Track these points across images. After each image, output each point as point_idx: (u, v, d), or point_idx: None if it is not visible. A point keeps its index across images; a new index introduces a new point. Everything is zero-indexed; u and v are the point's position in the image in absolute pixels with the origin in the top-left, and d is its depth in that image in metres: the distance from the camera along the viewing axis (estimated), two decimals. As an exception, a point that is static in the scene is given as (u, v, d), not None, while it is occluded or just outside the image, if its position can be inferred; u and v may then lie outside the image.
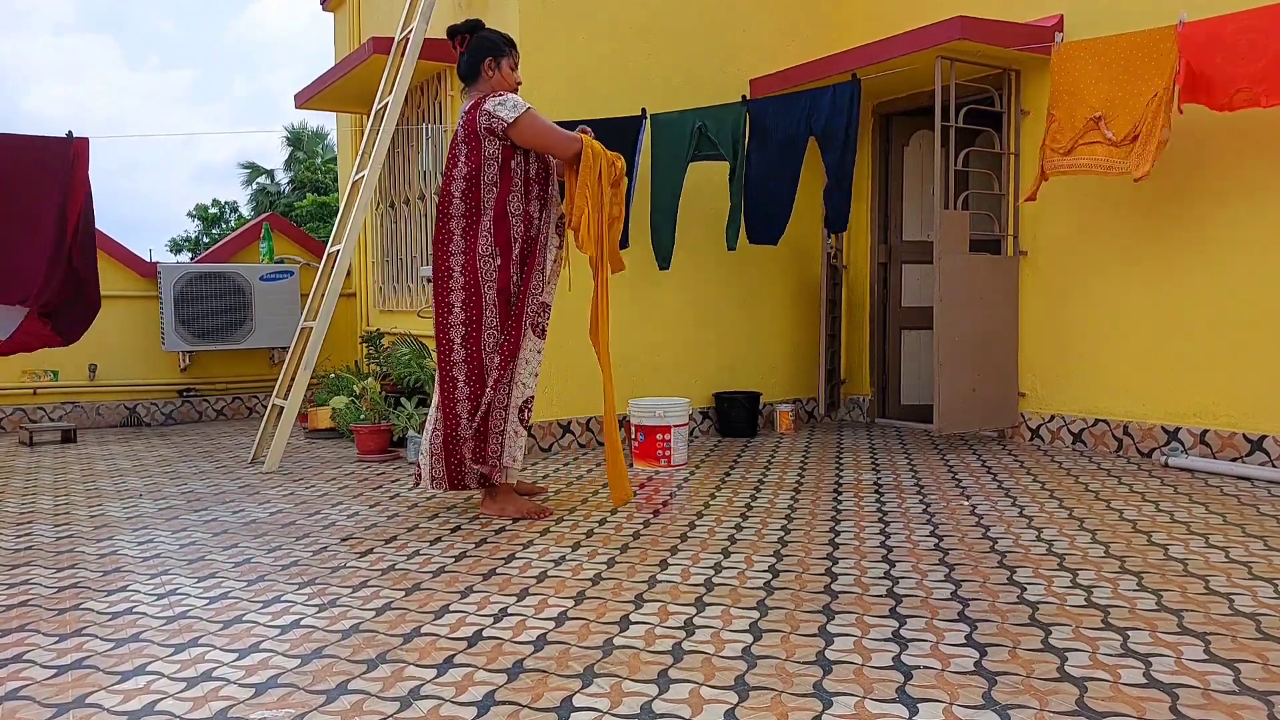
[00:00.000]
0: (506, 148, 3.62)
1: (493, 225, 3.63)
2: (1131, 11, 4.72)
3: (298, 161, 30.23)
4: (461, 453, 3.67)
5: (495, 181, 3.63)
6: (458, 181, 3.64)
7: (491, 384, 3.63)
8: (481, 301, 3.63)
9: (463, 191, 3.64)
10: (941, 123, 5.10)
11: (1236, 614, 2.47)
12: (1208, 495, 3.92)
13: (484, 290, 3.63)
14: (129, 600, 2.76)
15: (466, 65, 3.76)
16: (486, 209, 3.63)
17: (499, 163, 3.62)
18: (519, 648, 2.32)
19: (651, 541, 3.32)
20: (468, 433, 3.66)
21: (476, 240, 3.63)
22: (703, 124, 5.33)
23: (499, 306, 3.64)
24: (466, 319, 3.63)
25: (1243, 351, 4.45)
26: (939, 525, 3.47)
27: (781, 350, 6.26)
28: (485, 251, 3.62)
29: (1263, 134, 4.34)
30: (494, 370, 3.64)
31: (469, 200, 3.64)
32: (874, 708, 1.94)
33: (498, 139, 3.61)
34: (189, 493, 4.40)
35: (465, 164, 3.63)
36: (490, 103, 3.62)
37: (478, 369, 3.65)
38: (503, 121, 3.58)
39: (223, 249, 7.90)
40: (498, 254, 3.63)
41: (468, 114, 3.67)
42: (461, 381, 3.67)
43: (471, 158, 3.62)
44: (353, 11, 7.77)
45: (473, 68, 3.75)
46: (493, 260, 3.62)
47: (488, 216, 3.63)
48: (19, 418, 6.83)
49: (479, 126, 3.61)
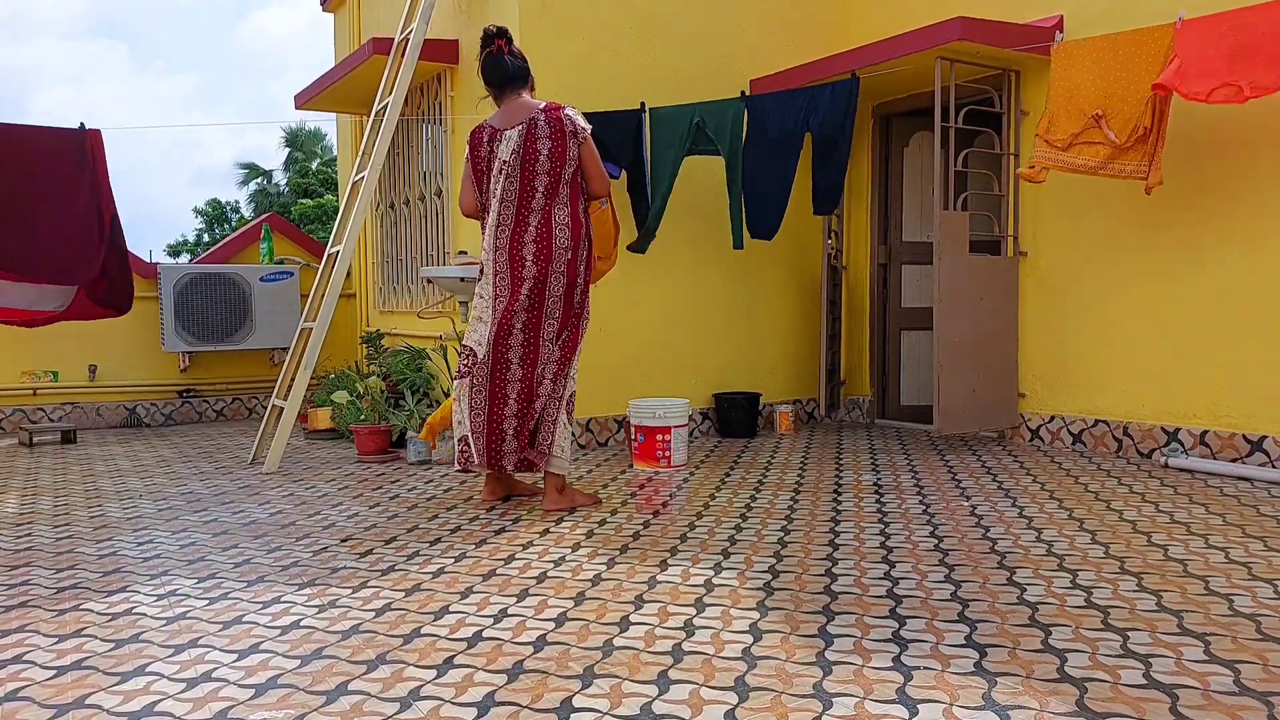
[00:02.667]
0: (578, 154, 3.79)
1: (570, 220, 3.77)
2: (1131, 11, 4.72)
3: (296, 162, 30.27)
4: (504, 432, 3.80)
5: (570, 180, 3.78)
6: (541, 176, 3.74)
7: (552, 376, 3.79)
8: (547, 292, 3.76)
9: (545, 186, 3.75)
10: (941, 123, 5.10)
11: (1236, 615, 2.47)
12: (1208, 496, 3.92)
13: (551, 281, 3.76)
14: (129, 601, 2.76)
15: (519, 67, 3.88)
16: (563, 203, 3.77)
17: (575, 164, 3.78)
18: (519, 648, 2.32)
19: (651, 542, 3.32)
20: (512, 415, 3.79)
21: (553, 232, 3.74)
22: (701, 119, 5.34)
23: (564, 299, 3.78)
24: (531, 305, 3.77)
25: (1243, 351, 4.45)
26: (939, 526, 3.47)
27: (781, 351, 6.26)
28: (561, 245, 3.75)
29: (1262, 134, 4.34)
30: (554, 362, 3.80)
31: (550, 194, 3.75)
32: (874, 708, 1.94)
33: (577, 143, 3.77)
34: (189, 493, 4.40)
35: (549, 160, 3.74)
36: (569, 109, 3.80)
37: (533, 355, 3.79)
38: (585, 131, 3.78)
39: (223, 250, 7.91)
40: (569, 249, 3.76)
41: (550, 112, 3.76)
42: (515, 364, 3.80)
43: (557, 154, 3.74)
44: (353, 12, 7.77)
45: (526, 70, 3.90)
46: (564, 254, 3.76)
47: (564, 210, 3.77)
48: (19, 418, 6.83)
49: (566, 127, 3.75)
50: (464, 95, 6.00)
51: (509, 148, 3.76)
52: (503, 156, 3.77)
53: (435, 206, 6.37)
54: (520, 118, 3.79)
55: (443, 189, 6.23)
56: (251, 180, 31.39)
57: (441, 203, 6.26)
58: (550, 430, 3.80)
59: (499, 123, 3.84)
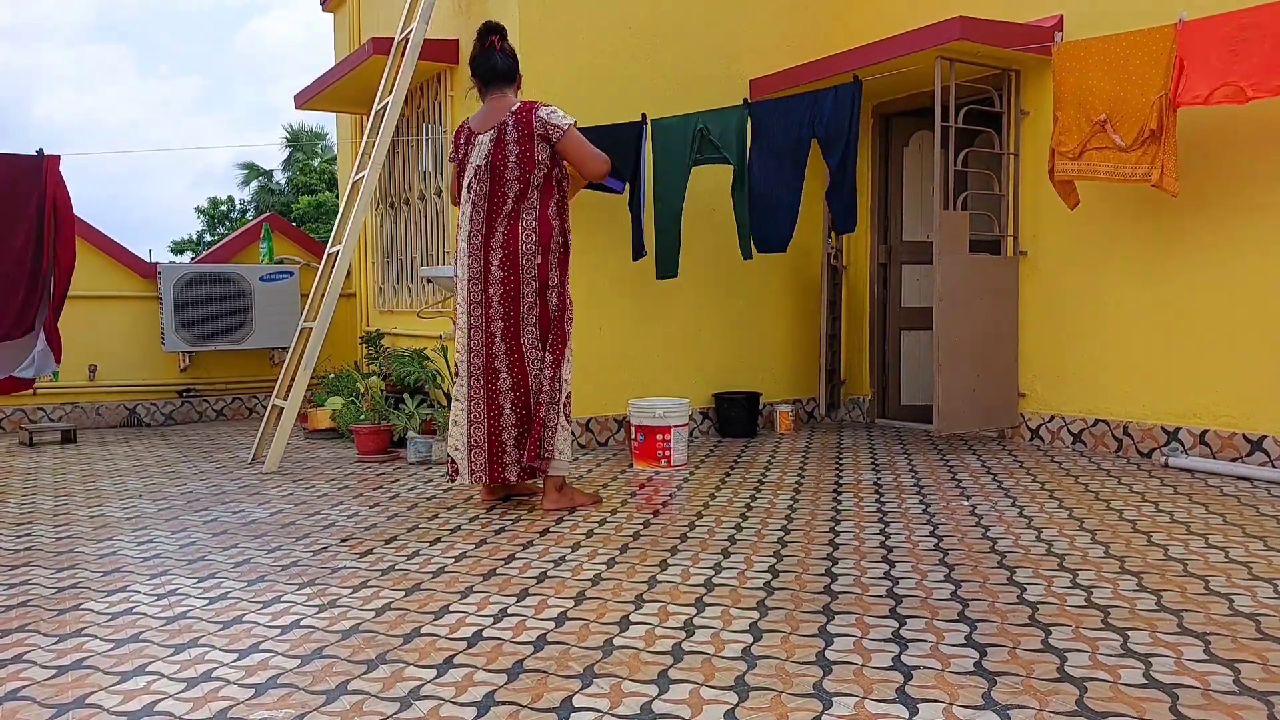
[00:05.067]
0: (553, 154, 3.78)
1: (538, 224, 3.75)
2: (1132, 11, 4.71)
3: (296, 162, 30.28)
4: (504, 443, 3.79)
5: (540, 184, 3.77)
6: (511, 183, 3.74)
7: (550, 381, 3.79)
8: (520, 297, 3.75)
9: (517, 193, 3.75)
10: (941, 123, 5.10)
11: (1236, 614, 2.47)
12: (1207, 495, 3.92)
13: (523, 288, 3.75)
14: (129, 600, 2.76)
15: (508, 65, 3.88)
16: (531, 208, 3.76)
17: (547, 167, 3.77)
18: (519, 648, 2.32)
19: (651, 542, 3.32)
20: (510, 425, 3.79)
21: (518, 238, 3.73)
22: (704, 126, 5.30)
23: (539, 302, 3.78)
24: (506, 314, 3.76)
25: (1243, 351, 4.45)
26: (939, 526, 3.47)
27: (781, 350, 6.26)
28: (528, 250, 3.74)
29: (1262, 135, 4.34)
30: (548, 367, 3.79)
31: (519, 200, 3.75)
32: (874, 708, 1.94)
33: (549, 145, 3.75)
34: (189, 493, 4.40)
35: (517, 165, 3.74)
36: (543, 110, 3.77)
37: (519, 363, 3.79)
38: (559, 130, 3.75)
39: (223, 249, 7.91)
40: (537, 253, 3.74)
41: (520, 115, 3.75)
42: (504, 373, 3.79)
43: (525, 160, 3.73)
44: (353, 12, 7.77)
45: (514, 70, 3.90)
46: (533, 259, 3.74)
47: (532, 215, 3.75)
48: (19, 418, 6.83)
49: (535, 131, 3.73)
50: (464, 95, 5.99)
51: (480, 153, 3.78)
52: (475, 162, 3.79)
53: (435, 206, 6.38)
54: (493, 121, 3.79)
55: (443, 189, 6.23)
56: (252, 180, 31.38)
57: (441, 202, 6.26)
58: (553, 436, 3.80)
59: (476, 124, 3.86)
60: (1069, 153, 4.64)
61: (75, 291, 6.89)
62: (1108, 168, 4.51)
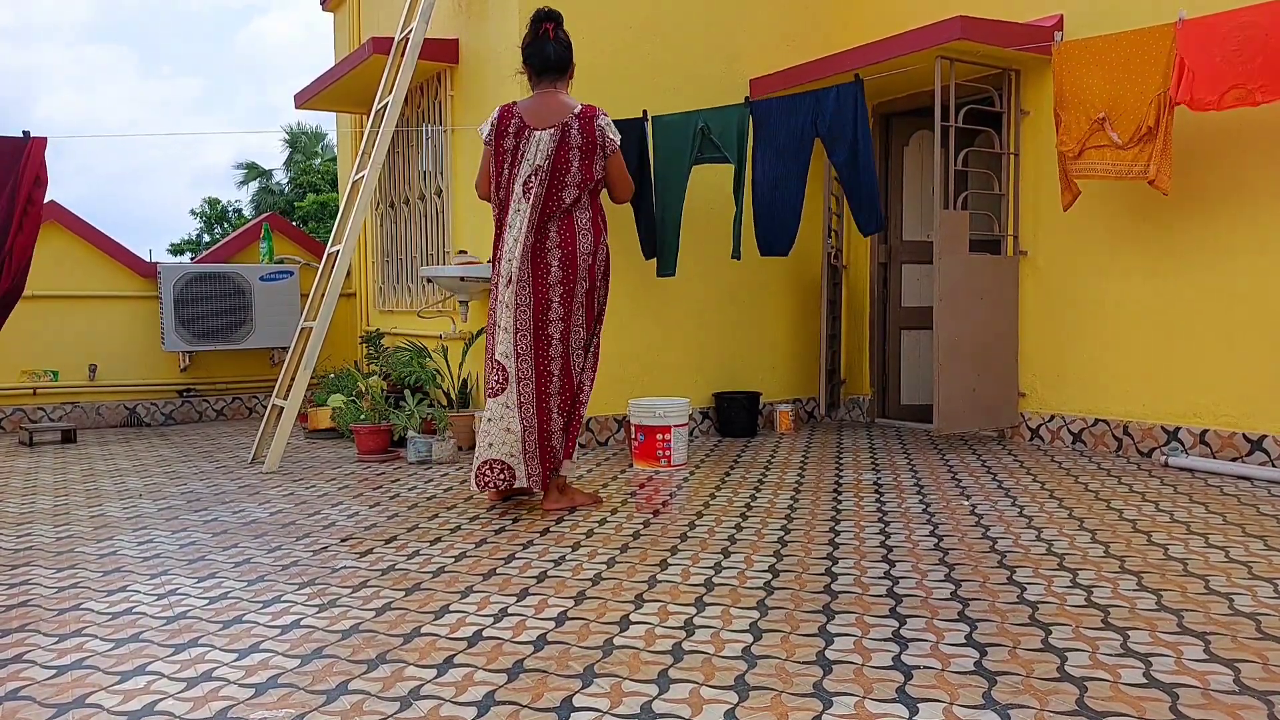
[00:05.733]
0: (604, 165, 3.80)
1: (591, 224, 3.77)
2: (1132, 11, 4.72)
3: (296, 162, 30.27)
4: (554, 448, 3.80)
5: (596, 190, 3.80)
6: (569, 188, 3.71)
7: (590, 383, 3.83)
8: (573, 300, 3.76)
9: (574, 198, 3.73)
10: (941, 123, 5.10)
11: (1236, 614, 2.47)
12: (1208, 495, 3.92)
13: (577, 289, 3.76)
14: (129, 600, 2.76)
15: (561, 55, 3.82)
16: (584, 208, 3.76)
17: (602, 176, 3.79)
18: (519, 648, 2.32)
19: (651, 541, 3.32)
20: (558, 430, 3.80)
21: (576, 238, 3.74)
22: (705, 125, 5.29)
23: (586, 306, 3.80)
24: (565, 314, 3.75)
25: (1243, 351, 4.45)
26: (939, 525, 3.47)
27: (781, 350, 6.26)
28: (585, 250, 3.75)
29: (1262, 135, 4.34)
30: (589, 369, 3.84)
31: (575, 203, 3.74)
32: (874, 708, 1.94)
33: (605, 156, 3.77)
34: (189, 493, 4.40)
35: (579, 170, 3.72)
36: (602, 119, 3.78)
37: (568, 365, 3.79)
38: (615, 143, 3.79)
39: (223, 249, 7.91)
40: (590, 254, 3.76)
41: (584, 121, 3.72)
42: (556, 376, 3.78)
43: (586, 164, 3.73)
44: (353, 12, 7.77)
45: (568, 60, 3.85)
46: (586, 260, 3.75)
47: (585, 215, 3.76)
48: (19, 418, 6.83)
49: (596, 139, 3.74)
50: (464, 95, 6.00)
51: (540, 151, 3.66)
52: (533, 160, 3.67)
53: (435, 206, 6.37)
54: (553, 120, 3.71)
55: (443, 188, 6.23)
56: (252, 180, 31.38)
57: (441, 202, 6.26)
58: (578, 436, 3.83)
59: (530, 118, 3.73)
60: (1070, 153, 4.64)
61: (76, 291, 6.95)
62: (1105, 165, 4.52)
